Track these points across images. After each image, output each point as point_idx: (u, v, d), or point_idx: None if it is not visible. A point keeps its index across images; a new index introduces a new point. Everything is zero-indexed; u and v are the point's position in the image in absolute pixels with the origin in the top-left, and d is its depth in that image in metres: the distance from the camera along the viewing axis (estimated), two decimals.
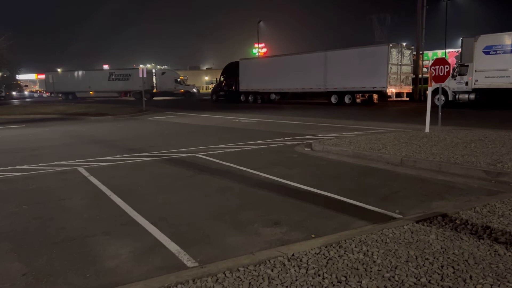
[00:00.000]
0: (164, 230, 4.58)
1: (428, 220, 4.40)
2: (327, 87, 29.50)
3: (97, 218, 5.12)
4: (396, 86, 26.68)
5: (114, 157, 9.35)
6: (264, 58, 45.38)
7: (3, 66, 39.41)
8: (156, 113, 24.32)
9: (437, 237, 3.92)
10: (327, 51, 29.89)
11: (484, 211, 4.68)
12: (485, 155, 7.64)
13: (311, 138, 11.41)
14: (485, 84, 21.55)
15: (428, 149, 8.45)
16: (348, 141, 9.99)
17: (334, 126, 14.67)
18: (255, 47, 61.09)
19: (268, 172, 7.34)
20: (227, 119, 19.09)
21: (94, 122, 19.90)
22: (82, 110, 26.34)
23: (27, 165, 8.65)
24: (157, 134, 14.10)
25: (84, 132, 15.57)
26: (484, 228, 4.12)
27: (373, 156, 8.27)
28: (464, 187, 6.10)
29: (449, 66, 11.13)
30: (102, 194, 6.27)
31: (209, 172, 7.65)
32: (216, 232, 4.54)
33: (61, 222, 5.02)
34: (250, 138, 11.92)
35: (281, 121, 17.16)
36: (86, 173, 7.75)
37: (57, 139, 13.29)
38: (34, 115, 24.21)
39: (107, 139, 13.05)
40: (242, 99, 36.63)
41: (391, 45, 26.51)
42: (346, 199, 5.60)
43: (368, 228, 4.33)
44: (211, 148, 10.32)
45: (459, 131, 11.19)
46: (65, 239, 4.44)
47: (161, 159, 9.11)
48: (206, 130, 15.04)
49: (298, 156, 9.11)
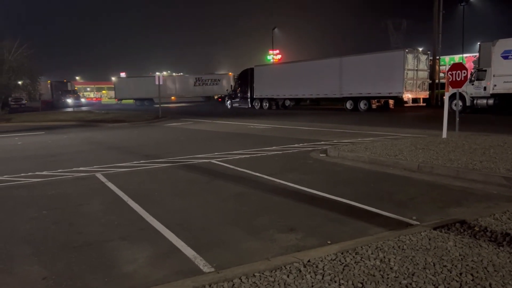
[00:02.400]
0: (180, 235, 4.62)
1: (446, 226, 4.34)
2: (342, 93, 29.36)
3: (114, 223, 5.20)
4: (413, 92, 26.41)
5: (131, 163, 9.47)
6: (278, 64, 45.47)
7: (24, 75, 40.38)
8: (172, 119, 24.56)
9: (455, 244, 3.87)
10: (342, 57, 29.79)
11: (504, 218, 4.59)
12: (504, 161, 7.50)
13: (326, 144, 11.37)
14: (504, 89, 21.18)
15: (446, 155, 8.34)
16: (364, 147, 9.93)
17: (349, 132, 14.59)
18: (269, 53, 61.31)
19: (283, 178, 7.34)
20: (242, 125, 19.16)
21: (111, 129, 20.20)
22: (99, 117, 26.77)
23: (46, 171, 8.83)
24: (173, 141, 14.23)
25: (101, 139, 15.82)
26: (504, 235, 4.04)
27: (390, 162, 8.20)
28: (483, 193, 6.00)
29: (467, 71, 10.98)
30: (120, 199, 6.35)
31: (224, 177, 7.69)
32: (232, 237, 4.56)
33: (80, 227, 5.11)
34: (265, 144, 11.95)
35: (295, 128, 17.14)
36: (104, 178, 7.87)
37: (75, 146, 13.52)
38: (53, 123, 24.74)
39: (124, 145, 13.23)
40: (256, 105, 36.72)
41: (407, 51, 26.29)
42: (362, 205, 5.56)
43: (384, 234, 4.29)
44: (226, 153, 10.37)
45: (477, 137, 11.01)
46: (83, 244, 4.52)
47: (177, 165, 9.19)
48: (221, 136, 15.13)
49: (313, 161, 9.08)
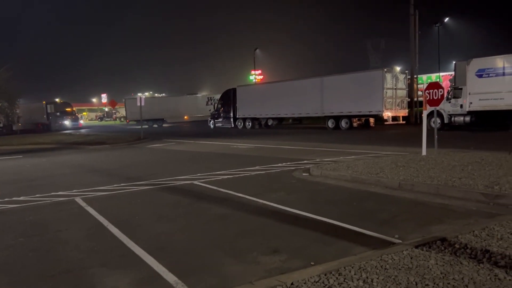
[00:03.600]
0: (161, 260, 4.54)
1: (428, 244, 4.38)
2: (324, 112, 29.75)
3: (94, 249, 5.08)
4: (392, 110, 26.92)
5: (111, 186, 9.33)
6: (261, 84, 45.92)
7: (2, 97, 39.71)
8: (154, 141, 24.38)
9: (437, 262, 3.90)
10: (323, 77, 30.29)
11: (483, 234, 4.66)
12: (483, 177, 7.66)
13: (309, 163, 11.43)
14: (480, 106, 21.78)
15: (426, 172, 8.47)
16: (346, 165, 10.02)
17: (331, 150, 14.72)
18: (251, 74, 61.89)
19: (266, 198, 7.32)
20: (225, 145, 19.15)
21: (92, 151, 19.91)
22: (80, 139, 26.41)
23: (24, 196, 8.61)
24: (155, 162, 14.10)
25: (81, 161, 15.57)
26: (484, 252, 4.10)
27: (371, 180, 8.28)
28: (463, 210, 6.09)
29: (443, 90, 11.27)
30: (100, 224, 6.22)
31: (207, 199, 7.63)
32: (215, 261, 4.50)
33: (58, 254, 4.97)
34: (248, 164, 11.94)
35: (278, 147, 17.22)
36: (84, 203, 7.71)
37: (54, 170, 13.27)
38: (32, 146, 24.21)
39: (104, 168, 13.04)
40: (239, 125, 36.85)
41: (386, 70, 26.93)
42: (345, 224, 5.57)
43: (367, 254, 4.30)
44: (209, 174, 10.32)
45: (455, 153, 11.24)
46: (61, 272, 4.39)
47: (159, 187, 9.09)
48: (203, 157, 15.06)
49: (296, 181, 9.11)
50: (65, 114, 50.89)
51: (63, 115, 50.53)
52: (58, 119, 49.90)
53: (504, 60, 20.95)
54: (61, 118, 50.07)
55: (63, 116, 50.40)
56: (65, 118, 50.26)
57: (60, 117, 50.14)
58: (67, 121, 49.89)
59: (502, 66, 20.93)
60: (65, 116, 50.58)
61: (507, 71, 20.75)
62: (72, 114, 52.32)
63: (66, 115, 50.82)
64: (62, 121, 49.60)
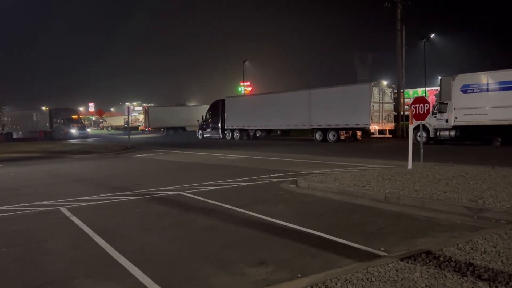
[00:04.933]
0: (147, 271, 4.50)
1: (413, 257, 4.43)
2: (312, 124, 29.97)
3: (79, 260, 5.01)
4: (379, 123, 27.25)
5: (97, 196, 9.23)
6: (249, 96, 46.11)
7: None
8: (141, 150, 24.22)
9: (422, 275, 3.94)
10: (311, 90, 30.58)
11: (467, 248, 4.73)
12: (467, 191, 7.78)
13: (297, 175, 11.48)
14: (464, 121, 22.18)
15: (411, 185, 8.58)
16: (333, 178, 10.08)
17: (319, 163, 14.80)
18: (240, 85, 62.14)
19: (253, 210, 7.32)
20: (213, 156, 19.12)
21: (78, 161, 19.70)
22: (66, 148, 26.10)
23: (7, 205, 8.47)
24: (142, 173, 14.00)
25: (67, 171, 15.37)
26: (468, 265, 4.16)
27: (358, 192, 8.35)
28: (447, 223, 6.17)
29: (429, 105, 11.47)
30: (85, 234, 6.15)
31: (194, 210, 7.59)
32: (201, 272, 4.48)
33: (42, 265, 4.89)
34: (235, 175, 11.93)
35: (266, 158, 17.25)
36: (69, 213, 7.61)
37: (39, 179, 13.08)
38: (17, 154, 23.84)
39: (90, 178, 12.90)
40: (228, 136, 36.88)
41: (373, 84, 27.32)
42: (332, 236, 5.60)
43: (353, 266, 4.33)
44: (197, 185, 10.28)
45: (441, 167, 11.41)
46: (45, 282, 4.32)
47: (145, 197, 9.02)
48: (191, 167, 15.01)
49: (284, 193, 9.13)
50: (71, 122, 47.41)
51: (69, 123, 47.03)
52: (63, 127, 46.69)
53: (488, 77, 21.44)
54: (66, 126, 46.72)
55: (69, 124, 46.99)
56: (71, 127, 46.78)
57: (66, 125, 46.77)
58: (73, 130, 46.34)
59: (486, 82, 21.40)
60: (71, 124, 47.13)
61: (491, 87, 21.22)
62: (78, 122, 48.75)
63: (72, 123, 47.30)
64: (68, 130, 46.30)
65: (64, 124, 46.59)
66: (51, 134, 46.09)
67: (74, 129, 46.39)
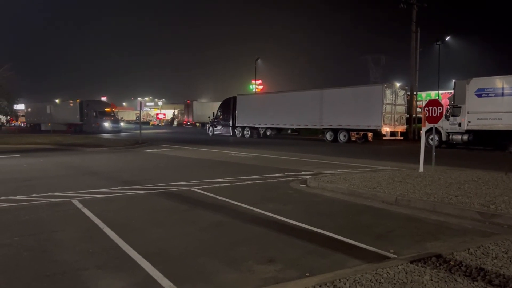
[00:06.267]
0: (157, 265, 4.54)
1: (423, 260, 4.40)
2: (323, 124, 29.86)
3: (89, 251, 5.07)
4: (391, 125, 27.05)
5: (108, 189, 9.32)
6: (261, 94, 46.07)
7: (2, 96, 39.68)
8: (152, 145, 24.38)
9: (431, 278, 3.92)
10: (323, 89, 30.46)
11: (478, 253, 4.68)
12: (479, 196, 7.70)
13: (307, 174, 11.46)
14: (478, 125, 21.90)
15: (423, 189, 8.51)
16: (343, 178, 10.04)
17: (329, 163, 14.75)
18: (252, 83, 62.10)
19: (263, 208, 7.33)
20: (223, 153, 19.17)
21: (90, 154, 19.89)
22: (78, 141, 26.37)
23: (20, 196, 8.59)
24: (153, 167, 14.10)
25: (79, 163, 15.55)
26: (478, 270, 4.12)
27: (368, 194, 8.31)
28: (458, 227, 6.11)
29: (442, 108, 11.36)
30: (96, 226, 6.22)
31: (203, 206, 7.63)
32: (210, 268, 4.50)
33: (53, 255, 4.96)
34: (245, 173, 11.95)
35: (276, 157, 17.24)
36: (80, 205, 7.70)
37: (51, 170, 13.25)
38: (30, 145, 24.10)
39: (102, 171, 13.03)
40: (238, 133, 36.90)
41: (386, 85, 27.12)
42: (341, 237, 5.59)
43: (362, 267, 4.31)
44: (206, 181, 10.33)
45: (452, 171, 11.29)
46: (56, 272, 4.38)
47: (155, 192, 9.09)
48: (201, 164, 15.07)
49: (293, 192, 9.12)
50: (104, 115, 44.37)
51: (102, 116, 43.99)
52: (95, 121, 43.97)
53: (504, 81, 21.13)
54: (99, 120, 43.78)
55: (102, 117, 43.94)
56: (104, 120, 43.69)
57: (98, 119, 43.85)
58: (106, 123, 43.16)
59: (502, 87, 21.10)
60: (104, 117, 44.06)
61: (506, 92, 20.91)
62: (111, 115, 45.24)
63: (104, 116, 44.28)
64: (101, 123, 43.36)
65: (96, 117, 43.92)
66: (81, 127, 44.26)
67: (107, 122, 43.47)
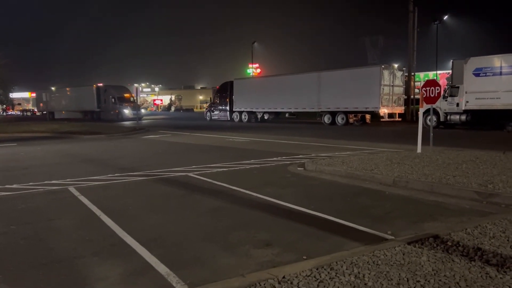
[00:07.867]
0: (153, 251, 4.52)
1: (420, 241, 4.39)
2: (320, 107, 29.77)
3: (86, 239, 5.05)
4: (389, 107, 26.97)
5: (105, 176, 9.28)
6: (258, 78, 45.80)
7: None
8: (149, 132, 24.30)
9: (429, 259, 3.91)
10: (320, 72, 30.27)
11: (476, 232, 4.68)
12: (476, 176, 7.69)
13: (304, 158, 11.43)
14: (476, 105, 21.85)
15: (420, 170, 8.49)
16: (341, 161, 10.02)
17: (327, 146, 14.72)
18: (249, 67, 61.69)
19: (260, 192, 7.31)
20: (221, 138, 19.11)
21: (87, 141, 19.82)
22: (75, 129, 26.24)
23: (16, 184, 8.55)
24: (150, 153, 14.05)
25: (76, 151, 15.48)
26: (476, 250, 4.11)
27: (366, 176, 8.29)
28: (456, 207, 6.11)
29: (440, 88, 11.27)
30: (92, 214, 6.19)
31: (201, 191, 7.61)
32: (207, 253, 4.49)
33: (50, 243, 4.94)
34: (243, 157, 11.92)
35: (274, 141, 17.20)
36: (77, 192, 7.67)
37: (48, 158, 13.19)
38: (26, 134, 24.04)
39: (99, 158, 12.98)
40: (236, 118, 36.81)
41: (383, 67, 26.94)
42: (338, 219, 5.58)
43: (360, 249, 4.30)
44: (204, 167, 10.29)
45: (450, 152, 11.27)
46: (53, 260, 4.37)
47: (153, 178, 9.05)
48: (199, 149, 15.02)
49: (291, 175, 9.10)
50: (123, 101, 40.90)
51: (121, 103, 40.67)
52: (113, 107, 40.93)
53: (502, 60, 21.01)
54: (118, 106, 40.55)
55: (122, 103, 40.57)
56: (124, 107, 40.34)
57: (118, 105, 40.60)
58: (126, 110, 39.83)
59: (500, 66, 20.99)
60: (124, 103, 40.64)
61: (504, 71, 20.81)
62: (131, 102, 40.79)
63: (124, 102, 40.85)
64: (120, 110, 40.22)
65: (115, 104, 40.84)
66: (98, 115, 41.75)
67: (127, 109, 40.04)
